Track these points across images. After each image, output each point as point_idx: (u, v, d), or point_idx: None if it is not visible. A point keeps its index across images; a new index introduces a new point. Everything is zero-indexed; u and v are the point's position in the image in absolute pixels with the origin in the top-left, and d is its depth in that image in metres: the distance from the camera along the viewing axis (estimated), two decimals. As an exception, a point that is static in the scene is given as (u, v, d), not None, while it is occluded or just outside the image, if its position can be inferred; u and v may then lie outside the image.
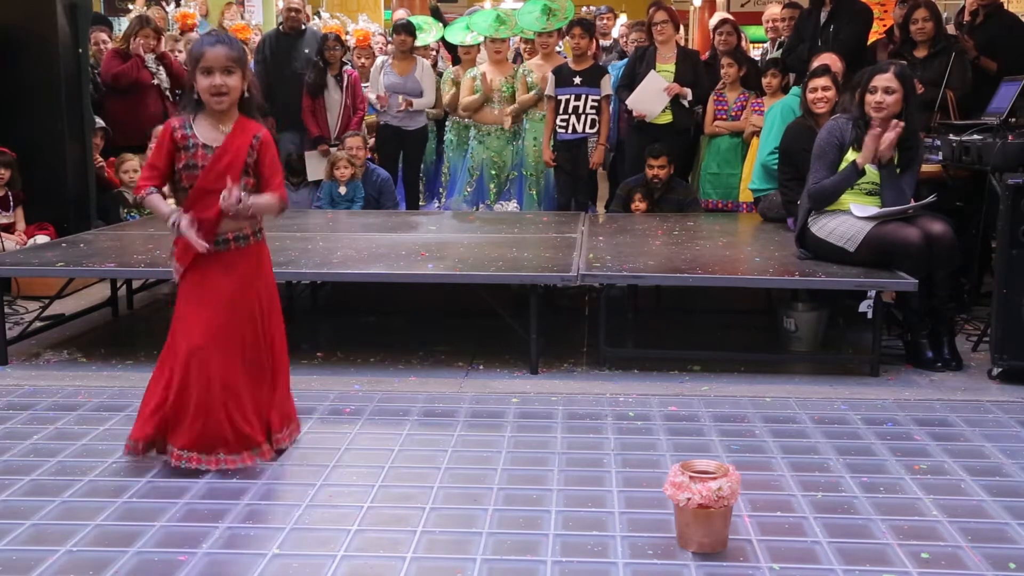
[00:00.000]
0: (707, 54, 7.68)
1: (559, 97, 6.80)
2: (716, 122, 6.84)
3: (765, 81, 6.70)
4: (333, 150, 7.17)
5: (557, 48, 7.70)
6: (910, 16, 6.22)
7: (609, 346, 4.68)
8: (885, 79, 4.59)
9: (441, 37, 8.28)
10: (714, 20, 8.24)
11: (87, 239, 5.57)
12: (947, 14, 7.93)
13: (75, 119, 6.72)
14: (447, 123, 7.62)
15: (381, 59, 7.75)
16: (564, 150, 6.85)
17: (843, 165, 4.71)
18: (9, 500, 3.10)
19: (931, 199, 4.74)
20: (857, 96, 4.71)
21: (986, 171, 4.82)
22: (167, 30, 8.35)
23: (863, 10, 6.88)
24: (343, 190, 6.89)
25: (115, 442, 3.59)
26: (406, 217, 6.72)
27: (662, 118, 6.73)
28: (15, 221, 6.43)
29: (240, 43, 3.42)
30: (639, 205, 6.52)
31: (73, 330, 5.37)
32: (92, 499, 3.11)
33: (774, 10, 7.86)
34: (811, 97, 5.48)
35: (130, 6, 10.53)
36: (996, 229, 4.47)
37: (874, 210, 4.61)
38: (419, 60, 7.60)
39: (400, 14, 9.84)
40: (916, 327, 4.68)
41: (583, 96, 6.76)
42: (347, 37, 8.40)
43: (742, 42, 7.92)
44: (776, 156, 5.71)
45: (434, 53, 8.29)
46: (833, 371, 4.58)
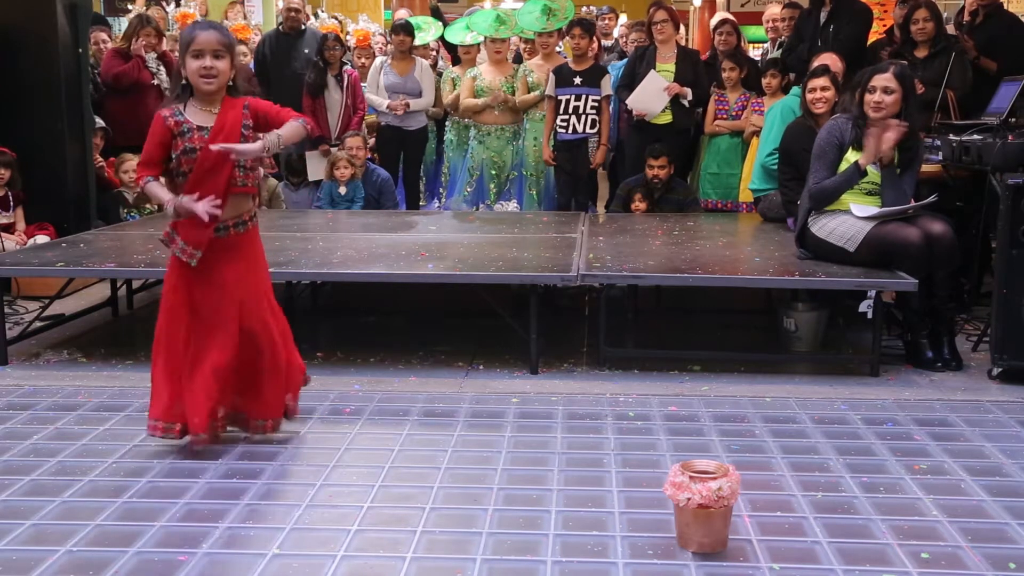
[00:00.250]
0: (707, 54, 7.68)
1: (559, 97, 6.80)
2: (716, 121, 6.84)
3: (765, 81, 6.70)
4: (333, 150, 7.17)
5: (557, 48, 7.70)
6: (910, 16, 6.22)
7: (609, 346, 4.68)
8: (884, 79, 4.59)
9: (441, 37, 8.28)
10: (714, 20, 8.25)
11: (87, 239, 5.57)
12: (947, 14, 7.93)
13: (75, 119, 6.73)
14: (447, 123, 7.62)
15: (380, 60, 7.74)
16: (564, 150, 6.86)
17: (843, 165, 4.72)
18: (9, 500, 3.10)
19: (931, 199, 4.74)
20: (857, 96, 4.72)
21: (986, 171, 4.82)
22: (167, 30, 8.35)
23: (863, 10, 6.89)
24: (343, 190, 6.89)
25: (115, 442, 3.60)
26: (406, 217, 6.72)
27: (662, 118, 6.73)
28: (15, 221, 6.44)
29: (230, 32, 3.55)
30: (639, 205, 6.52)
31: (73, 330, 5.37)
32: (92, 499, 3.11)
33: (774, 10, 7.86)
34: (810, 97, 5.48)
35: (130, 6, 10.53)
36: (996, 229, 4.47)
37: (874, 210, 4.62)
38: (418, 60, 7.60)
39: (401, 14, 9.85)
40: (916, 327, 4.68)
41: (583, 96, 6.76)
42: (347, 37, 8.40)
43: (741, 42, 7.92)
44: (775, 157, 5.71)
45: (434, 53, 8.29)
46: (833, 371, 4.58)
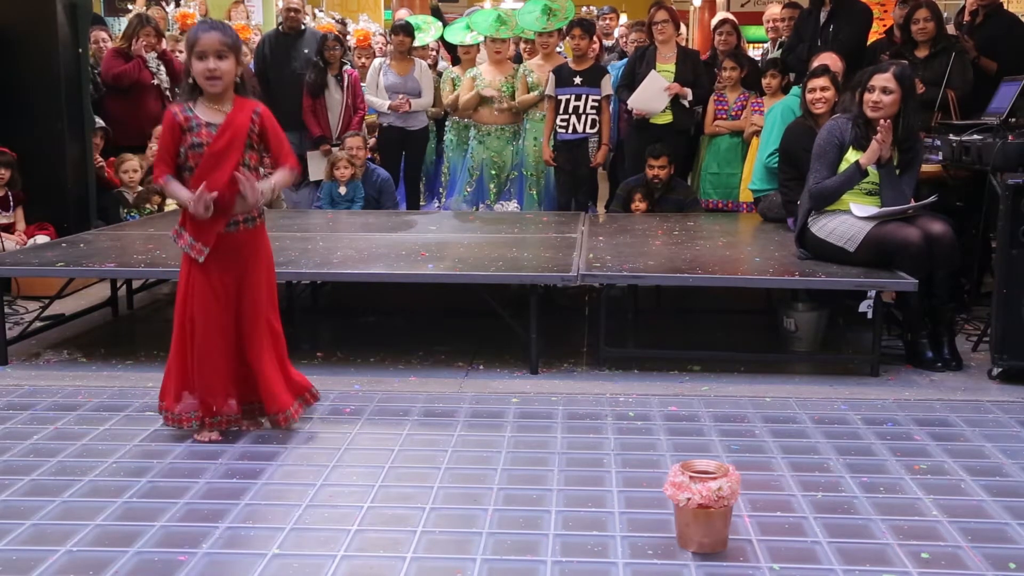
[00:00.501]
0: (707, 54, 7.68)
1: (559, 97, 6.80)
2: (716, 121, 6.84)
3: (765, 81, 6.70)
4: (334, 150, 7.17)
5: (558, 49, 7.70)
6: (911, 16, 6.22)
7: (609, 346, 4.68)
8: (883, 79, 4.59)
9: (440, 37, 8.28)
10: (715, 20, 8.25)
11: (87, 239, 5.57)
12: (947, 14, 7.93)
13: (75, 119, 6.72)
14: (447, 123, 7.62)
15: (379, 60, 7.75)
16: (564, 150, 6.86)
17: (843, 165, 4.72)
18: (9, 500, 3.10)
19: (931, 199, 4.74)
20: (857, 96, 4.72)
21: (986, 171, 4.82)
22: (167, 30, 8.35)
23: (863, 10, 6.89)
24: (343, 190, 6.89)
25: (115, 442, 3.60)
26: (406, 217, 6.72)
27: (662, 118, 6.73)
28: (15, 221, 6.44)
29: (234, 31, 3.57)
30: (639, 205, 6.52)
31: (73, 330, 5.37)
32: (92, 499, 3.11)
33: (774, 10, 7.86)
34: (810, 97, 5.48)
35: (130, 6, 10.53)
36: (996, 229, 4.47)
37: (874, 210, 4.62)
38: (417, 61, 7.60)
39: (401, 14, 9.85)
40: (916, 327, 4.68)
41: (583, 96, 6.76)
42: (347, 37, 8.40)
43: (741, 42, 7.93)
44: (776, 157, 5.71)
45: (433, 53, 8.29)
46: (833, 371, 4.58)
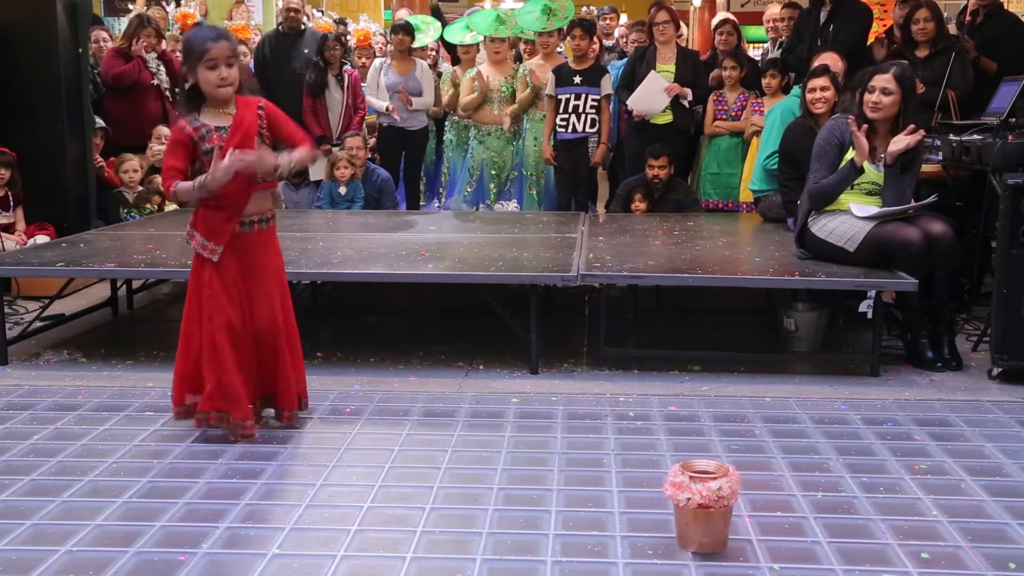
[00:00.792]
0: (707, 54, 7.68)
1: (559, 96, 6.80)
2: (716, 122, 6.84)
3: (765, 81, 6.71)
4: (335, 150, 7.17)
5: (558, 49, 7.70)
6: (911, 16, 6.22)
7: (609, 346, 4.67)
8: (884, 80, 4.59)
9: (440, 37, 8.28)
10: (715, 20, 8.26)
11: (87, 239, 5.57)
12: (947, 14, 7.93)
13: (75, 119, 6.73)
14: (447, 123, 7.62)
15: (379, 61, 7.75)
16: (564, 150, 6.86)
17: (843, 164, 4.71)
18: (9, 500, 3.10)
19: (931, 199, 4.74)
20: (857, 96, 4.72)
21: (986, 171, 4.82)
22: (167, 30, 8.35)
23: (863, 10, 6.89)
24: (343, 190, 6.89)
25: (115, 442, 3.60)
26: (406, 217, 6.72)
27: (662, 118, 6.73)
28: (15, 221, 6.44)
29: (231, 34, 3.62)
30: (639, 205, 6.52)
31: (73, 330, 5.37)
32: (92, 499, 3.11)
33: (774, 10, 7.86)
34: (810, 97, 5.48)
35: (130, 6, 10.53)
36: (996, 229, 4.47)
37: (874, 210, 4.62)
38: (418, 61, 7.61)
39: (401, 14, 9.85)
40: (916, 327, 4.68)
41: (583, 96, 6.76)
42: (347, 36, 8.40)
43: (741, 42, 7.93)
44: (775, 159, 5.71)
45: (433, 53, 8.30)
46: (833, 371, 4.58)
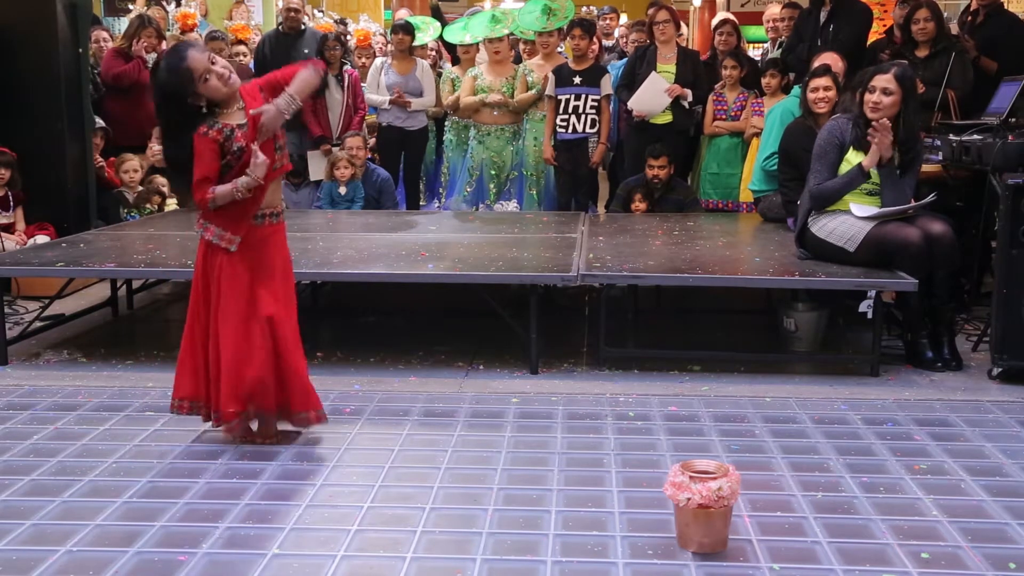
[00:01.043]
0: (707, 54, 7.68)
1: (559, 97, 6.80)
2: (716, 122, 6.84)
3: (765, 81, 6.70)
4: (335, 150, 7.17)
5: (558, 49, 7.70)
6: (911, 16, 6.22)
7: (609, 346, 4.67)
8: (884, 80, 4.59)
9: (439, 37, 8.28)
10: (715, 20, 8.25)
11: (87, 239, 5.57)
12: (947, 14, 7.93)
13: (75, 119, 6.73)
14: (447, 123, 7.62)
15: (380, 60, 7.75)
16: (564, 150, 6.86)
17: (843, 165, 4.71)
18: (9, 500, 3.10)
19: (931, 199, 4.74)
20: (857, 96, 4.72)
21: (986, 171, 4.82)
22: (168, 30, 8.35)
23: (863, 10, 6.88)
24: (343, 190, 6.89)
25: (115, 442, 3.60)
26: (406, 217, 6.72)
27: (661, 118, 6.73)
28: (15, 221, 6.44)
29: (194, 39, 3.56)
30: (639, 205, 6.52)
31: (73, 330, 5.37)
32: (92, 499, 3.11)
33: (774, 10, 7.85)
34: (811, 97, 5.48)
35: (130, 6, 10.53)
36: (996, 229, 4.47)
37: (874, 210, 4.62)
38: (419, 60, 7.61)
39: (401, 14, 9.85)
40: (916, 327, 4.68)
41: (583, 96, 6.76)
42: (347, 36, 8.40)
43: (741, 42, 7.93)
44: (774, 161, 5.71)
45: (433, 53, 8.29)
46: (833, 371, 4.58)
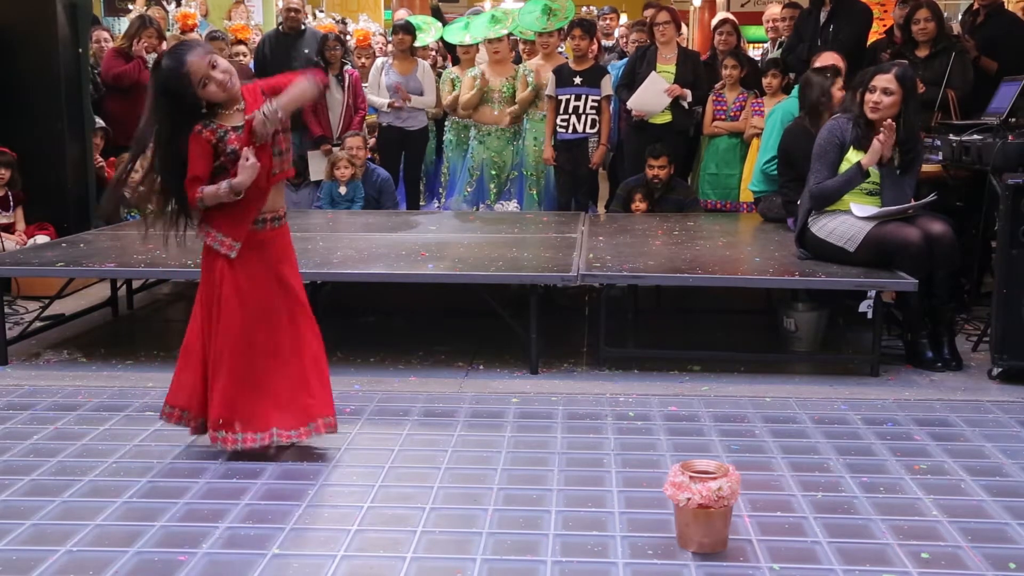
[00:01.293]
0: (707, 54, 7.68)
1: (559, 97, 6.80)
2: (715, 122, 6.84)
3: (766, 81, 6.70)
4: (335, 150, 7.17)
5: (559, 49, 7.70)
6: (911, 16, 6.22)
7: (609, 346, 4.67)
8: (885, 80, 4.59)
9: (440, 37, 8.28)
10: (715, 20, 8.25)
11: (87, 239, 5.57)
12: (947, 14, 7.93)
13: (75, 119, 6.72)
14: (447, 123, 7.62)
15: (381, 60, 7.75)
16: (564, 150, 6.86)
17: (844, 165, 4.71)
18: (9, 500, 3.10)
19: (931, 199, 4.74)
20: (858, 96, 4.71)
21: (986, 171, 4.82)
22: (168, 30, 8.34)
23: (863, 10, 6.89)
24: (343, 190, 6.89)
25: (115, 442, 3.60)
26: (406, 217, 6.72)
27: (660, 118, 6.73)
28: (15, 221, 6.43)
29: (195, 39, 3.46)
30: (639, 205, 6.52)
31: (73, 330, 5.37)
32: (92, 499, 3.11)
33: (774, 10, 7.86)
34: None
35: (130, 6, 10.53)
36: (996, 229, 4.47)
37: (874, 210, 4.62)
38: (420, 61, 7.61)
39: (400, 14, 9.85)
40: (916, 327, 4.68)
41: (583, 96, 6.77)
42: (347, 36, 8.40)
43: (741, 42, 7.93)
44: (774, 164, 5.70)
45: (433, 53, 8.29)
46: (833, 371, 4.58)
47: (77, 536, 2.84)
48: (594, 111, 6.77)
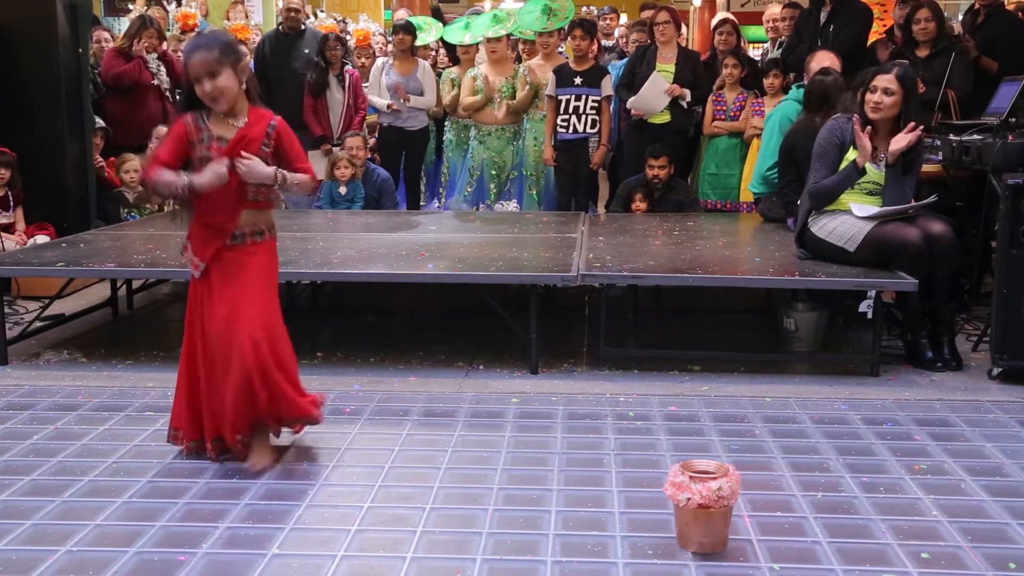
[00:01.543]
0: (707, 54, 7.69)
1: (560, 97, 6.81)
2: (715, 122, 6.84)
3: (767, 82, 6.71)
4: (335, 150, 7.18)
5: (559, 49, 7.70)
6: (912, 16, 6.22)
7: (609, 346, 4.67)
8: (886, 80, 4.59)
9: (440, 37, 8.29)
10: (715, 20, 8.26)
11: (87, 239, 5.57)
12: (947, 14, 7.93)
13: (75, 119, 6.73)
14: (447, 123, 7.62)
15: (381, 60, 7.75)
16: (564, 150, 6.87)
17: (843, 164, 4.71)
18: (9, 500, 3.10)
19: (931, 199, 4.74)
20: (859, 96, 4.71)
21: (986, 171, 4.82)
22: (168, 30, 8.35)
23: (863, 10, 6.89)
24: (343, 190, 6.89)
25: (115, 442, 3.60)
26: (406, 217, 6.72)
27: (660, 118, 6.73)
28: (15, 221, 6.44)
29: (223, 40, 3.35)
30: (639, 205, 6.53)
31: (73, 330, 5.37)
32: (92, 499, 3.11)
33: (774, 10, 7.86)
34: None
35: (130, 6, 10.53)
36: (996, 229, 4.47)
37: (874, 210, 4.62)
38: (420, 61, 7.61)
39: (400, 14, 9.85)
40: (916, 327, 4.68)
41: (583, 96, 6.77)
42: (346, 36, 8.40)
43: (741, 42, 7.93)
44: (775, 172, 5.69)
45: (433, 53, 8.29)
46: (833, 371, 4.58)
47: (77, 536, 2.84)
48: (594, 111, 6.77)
